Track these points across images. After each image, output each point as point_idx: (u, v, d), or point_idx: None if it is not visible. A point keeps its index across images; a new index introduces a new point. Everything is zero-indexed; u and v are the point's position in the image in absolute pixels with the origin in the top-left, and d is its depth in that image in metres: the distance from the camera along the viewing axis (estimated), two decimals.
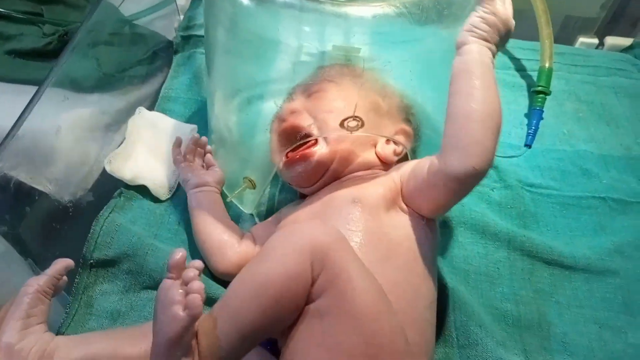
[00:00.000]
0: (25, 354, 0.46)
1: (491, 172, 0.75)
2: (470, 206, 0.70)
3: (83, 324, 0.58)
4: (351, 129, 0.54)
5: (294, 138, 0.57)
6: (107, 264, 0.61)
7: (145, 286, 0.60)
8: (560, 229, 0.70)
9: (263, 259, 0.43)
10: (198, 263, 0.41)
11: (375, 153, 0.59)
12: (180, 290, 0.39)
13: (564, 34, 1.17)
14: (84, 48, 0.91)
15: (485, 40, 0.50)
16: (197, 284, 0.39)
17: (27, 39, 0.97)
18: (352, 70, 0.57)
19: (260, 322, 0.41)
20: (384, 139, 0.58)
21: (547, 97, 0.85)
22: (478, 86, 0.48)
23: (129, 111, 0.81)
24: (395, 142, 0.58)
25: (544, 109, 0.84)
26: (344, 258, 0.42)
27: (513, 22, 0.53)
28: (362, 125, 0.54)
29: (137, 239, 0.62)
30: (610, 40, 1.05)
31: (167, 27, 0.99)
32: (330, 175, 0.57)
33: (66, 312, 0.59)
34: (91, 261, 0.61)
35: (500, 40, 0.51)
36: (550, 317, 0.61)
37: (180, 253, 0.41)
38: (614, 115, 0.88)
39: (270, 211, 0.68)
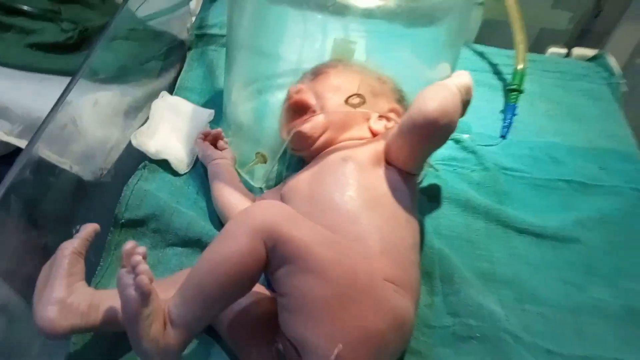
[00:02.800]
0: (75, 306, 0.52)
1: (471, 156, 0.86)
2: (454, 184, 0.80)
3: (114, 277, 0.65)
4: (354, 106, 0.64)
5: (300, 113, 0.66)
6: (137, 223, 0.69)
7: (171, 243, 0.68)
8: (531, 206, 0.80)
9: (220, 240, 0.51)
10: (141, 249, 0.49)
11: (368, 127, 0.68)
12: (132, 275, 0.47)
13: (537, 45, 1.29)
14: (105, 43, 1.00)
15: None
16: (142, 267, 0.47)
17: (47, 34, 1.04)
18: (352, 61, 0.66)
19: (218, 293, 0.49)
20: (377, 116, 0.68)
21: (520, 94, 0.96)
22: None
23: (145, 100, 0.89)
24: (387, 118, 0.68)
25: (517, 106, 0.96)
26: (292, 228, 0.49)
27: (471, 94, 0.65)
28: (364, 102, 0.64)
29: (163, 202, 0.70)
30: (577, 50, 1.17)
31: (180, 28, 1.08)
32: (325, 140, 0.66)
33: (100, 266, 0.66)
34: (122, 221, 0.69)
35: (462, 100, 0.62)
36: (522, 275, 0.71)
37: (129, 245, 0.49)
38: (580, 114, 1.00)
39: None
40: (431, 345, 0.62)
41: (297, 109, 0.66)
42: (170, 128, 0.79)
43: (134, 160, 0.79)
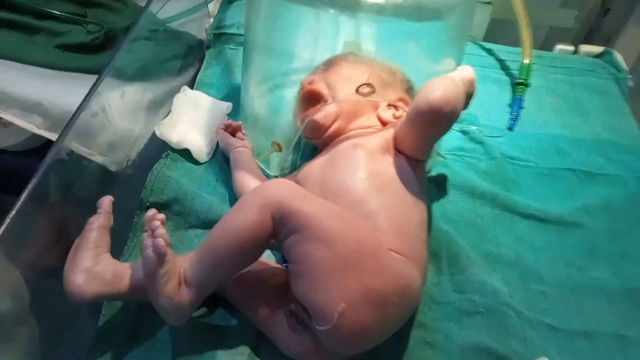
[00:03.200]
0: (101, 274, 0.57)
1: (478, 147, 0.89)
2: (462, 173, 0.83)
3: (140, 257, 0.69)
4: (364, 95, 0.68)
5: (313, 102, 0.70)
6: (161, 206, 0.73)
7: (192, 225, 0.72)
8: (536, 193, 0.83)
9: (234, 210, 0.56)
10: (161, 216, 0.54)
11: (377, 116, 0.71)
12: (151, 238, 0.53)
13: (545, 43, 1.32)
14: (129, 43, 1.05)
15: None
16: (159, 231, 0.53)
17: (74, 36, 1.09)
18: (362, 53, 0.71)
19: (227, 257, 0.54)
20: (385, 104, 0.71)
21: (526, 88, 0.99)
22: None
23: (166, 96, 0.94)
24: (396, 107, 0.71)
25: (524, 99, 0.99)
26: (301, 202, 0.53)
27: (475, 87, 0.67)
28: (374, 91, 0.68)
29: (185, 187, 0.75)
30: (584, 48, 1.20)
31: (199, 29, 1.13)
32: (336, 129, 0.70)
33: (127, 245, 0.71)
34: (147, 204, 0.73)
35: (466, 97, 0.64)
36: (527, 257, 0.74)
37: (150, 212, 0.54)
38: (586, 108, 1.03)
39: None
40: (437, 320, 0.65)
41: (310, 99, 0.70)
42: (191, 120, 0.84)
43: (156, 152, 0.83)
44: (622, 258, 0.76)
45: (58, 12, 1.12)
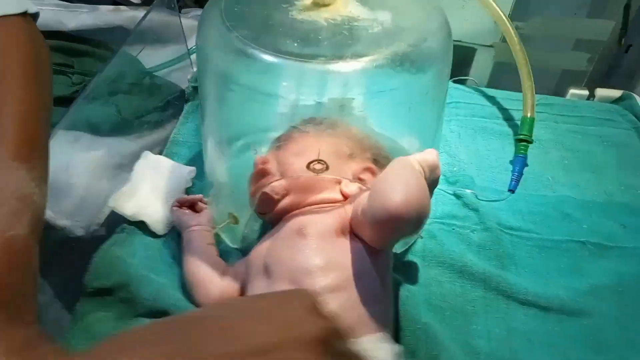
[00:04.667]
0: None
1: (472, 214, 0.79)
2: (450, 246, 0.74)
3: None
4: (317, 171, 0.60)
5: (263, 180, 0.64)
6: (105, 293, 0.66)
7: (139, 314, 0.64)
8: (537, 271, 0.73)
9: None
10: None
11: (340, 191, 0.64)
12: None
13: (559, 87, 1.22)
14: (105, 95, 1.00)
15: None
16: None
17: (57, 88, 1.05)
18: (315, 121, 0.63)
19: None
20: (349, 176, 0.64)
21: (529, 145, 0.89)
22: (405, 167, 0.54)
23: (142, 152, 0.88)
24: (362, 180, 0.63)
25: (527, 156, 0.89)
26: None
27: (439, 173, 0.59)
28: (327, 168, 0.60)
29: (133, 269, 0.67)
30: (600, 92, 1.09)
31: (182, 78, 1.08)
32: (289, 204, 0.64)
33: (66, 335, 0.64)
34: (90, 289, 0.66)
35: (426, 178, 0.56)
36: (522, 354, 0.63)
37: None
38: (598, 163, 0.92)
39: None
40: None
41: (262, 177, 0.65)
42: (150, 187, 0.77)
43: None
44: (630, 349, 0.65)
45: None
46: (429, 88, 0.68)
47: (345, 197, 0.64)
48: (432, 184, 0.57)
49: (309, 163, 0.60)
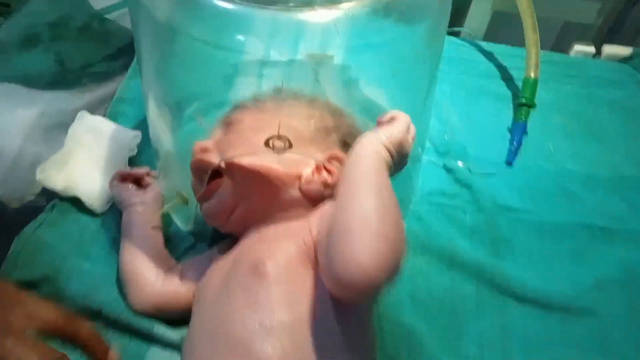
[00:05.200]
0: None
1: (464, 191, 0.69)
2: (440, 231, 0.64)
3: None
4: (278, 150, 0.48)
5: (204, 175, 0.50)
6: (27, 286, 0.55)
7: None
8: (537, 261, 0.63)
9: None
10: None
11: (300, 189, 0.49)
12: None
13: (561, 42, 1.10)
14: (45, 41, 0.86)
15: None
16: None
17: None
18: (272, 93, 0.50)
19: None
20: (309, 171, 0.49)
21: (531, 109, 0.78)
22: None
23: (88, 110, 0.75)
24: (328, 170, 0.49)
25: (527, 123, 0.78)
26: None
27: (409, 148, 0.47)
28: (290, 146, 0.47)
29: (62, 258, 0.56)
30: (607, 49, 0.98)
31: None
32: (241, 216, 0.50)
33: None
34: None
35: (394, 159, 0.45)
36: None
37: None
38: (605, 131, 0.82)
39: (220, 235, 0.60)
40: None
41: (203, 172, 0.50)
42: (87, 156, 0.64)
43: None
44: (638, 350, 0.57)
45: None
46: (421, 45, 0.56)
47: (307, 197, 0.49)
48: (399, 164, 0.46)
49: (268, 139, 0.48)
